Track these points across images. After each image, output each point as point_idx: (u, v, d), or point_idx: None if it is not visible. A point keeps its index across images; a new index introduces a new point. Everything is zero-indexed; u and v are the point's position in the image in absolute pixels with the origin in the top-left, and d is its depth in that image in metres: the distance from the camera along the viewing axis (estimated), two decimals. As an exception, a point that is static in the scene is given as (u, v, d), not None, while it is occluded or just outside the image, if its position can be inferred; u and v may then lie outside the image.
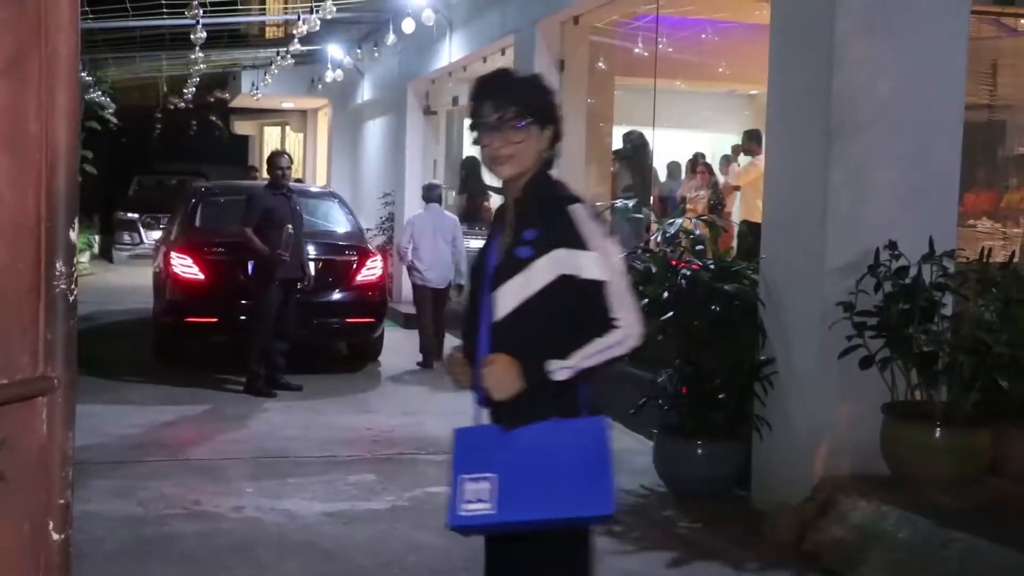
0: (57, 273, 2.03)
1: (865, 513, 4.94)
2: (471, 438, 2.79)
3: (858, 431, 5.38)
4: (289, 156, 9.33)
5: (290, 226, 8.69)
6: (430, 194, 10.45)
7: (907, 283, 5.19)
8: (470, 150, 14.83)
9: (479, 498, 2.69)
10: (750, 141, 10.87)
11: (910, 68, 5.52)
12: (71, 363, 2.06)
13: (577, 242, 2.72)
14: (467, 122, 3.03)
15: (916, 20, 5.51)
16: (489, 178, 2.94)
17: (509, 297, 2.75)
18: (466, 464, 2.75)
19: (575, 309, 2.72)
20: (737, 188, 11.09)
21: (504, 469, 2.69)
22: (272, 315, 8.68)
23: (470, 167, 13.77)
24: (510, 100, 2.79)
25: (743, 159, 11.28)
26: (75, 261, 2.08)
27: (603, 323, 2.70)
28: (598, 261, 2.71)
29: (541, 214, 2.79)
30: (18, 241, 1.98)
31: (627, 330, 2.74)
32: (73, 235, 2.06)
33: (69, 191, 2.05)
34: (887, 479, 5.22)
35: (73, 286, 2.06)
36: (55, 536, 2.04)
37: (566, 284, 2.71)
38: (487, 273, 2.82)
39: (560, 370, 2.67)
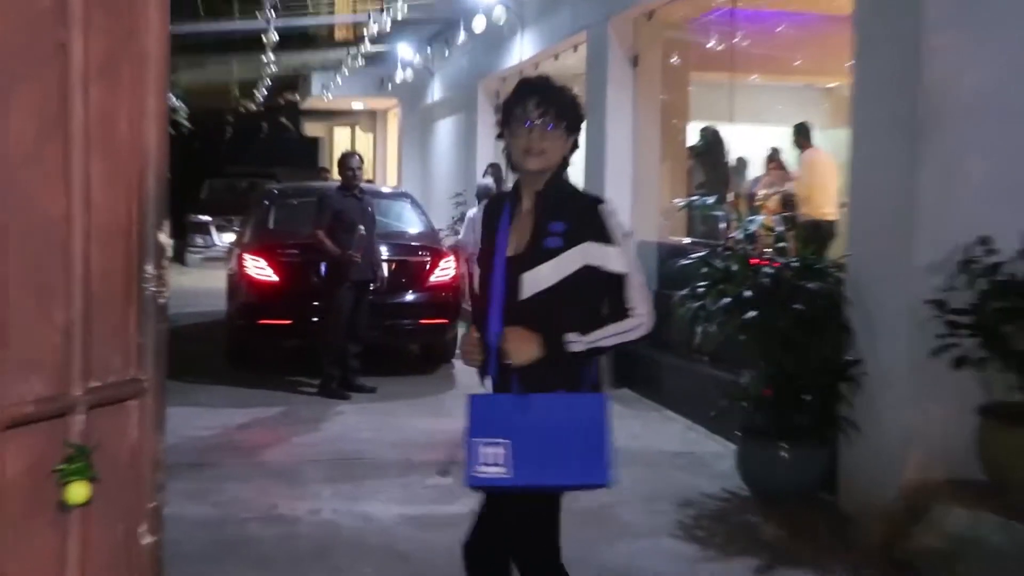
0: (147, 276, 2.06)
1: (961, 520, 4.84)
2: (485, 405, 3.09)
3: (951, 434, 5.27)
4: (360, 156, 9.38)
5: (362, 227, 8.75)
6: (481, 192, 10.82)
7: (1003, 280, 5.07)
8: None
9: (495, 461, 3.04)
10: (798, 135, 10.71)
11: (1002, 57, 5.40)
12: (161, 366, 2.10)
13: (605, 237, 3.09)
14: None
15: (1008, 6, 5.39)
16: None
17: (538, 281, 3.06)
18: (481, 429, 3.06)
19: (595, 295, 3.11)
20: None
21: (516, 436, 3.03)
22: (345, 317, 8.75)
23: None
24: (552, 103, 3.16)
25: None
26: (165, 264, 2.12)
27: (620, 310, 3.10)
28: (622, 256, 3.11)
29: (571, 209, 3.14)
30: (111, 245, 2.02)
31: (641, 319, 3.14)
32: (163, 237, 2.10)
33: (159, 194, 2.09)
34: (983, 484, 5.10)
35: (163, 289, 2.10)
36: (147, 539, 2.08)
37: (590, 273, 3.07)
38: (499, 257, 3.12)
39: (577, 343, 3.01)
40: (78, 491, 1.96)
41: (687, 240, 9.82)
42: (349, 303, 8.76)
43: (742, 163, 12.45)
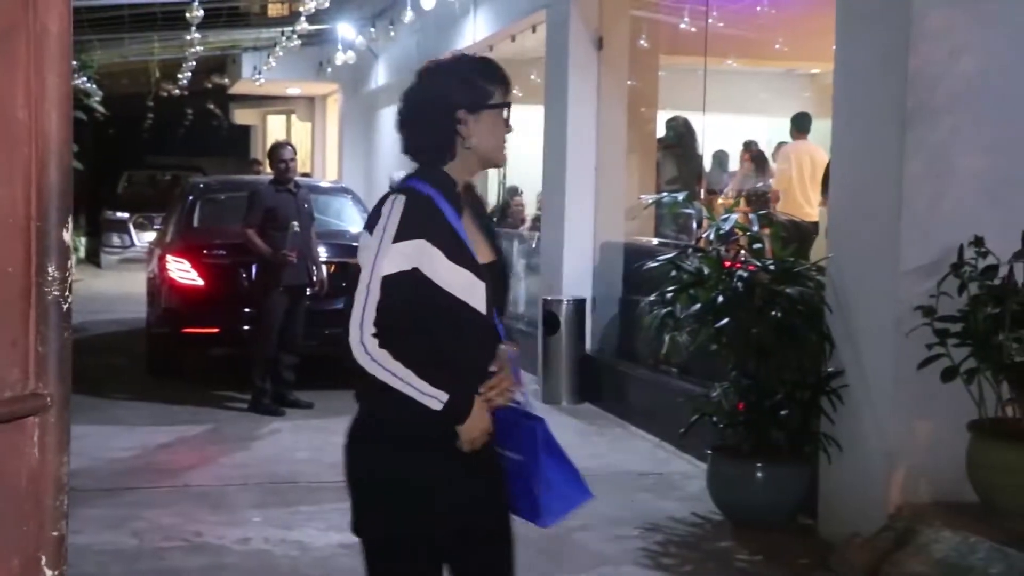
0: (50, 278, 2.02)
1: (950, 545, 4.88)
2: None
3: (940, 452, 5.32)
4: (293, 147, 9.33)
5: (296, 224, 8.70)
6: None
7: (996, 284, 5.13)
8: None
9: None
10: (793, 126, 10.75)
11: (998, 41, 5.46)
12: (65, 379, 2.06)
13: None
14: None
15: (1002, -12, 5.46)
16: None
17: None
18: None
19: None
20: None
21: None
22: (277, 325, 8.69)
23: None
24: None
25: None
26: (69, 265, 2.08)
27: None
28: None
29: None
30: (6, 242, 1.97)
31: None
32: (67, 235, 2.06)
33: (62, 186, 2.04)
34: (975, 507, 5.16)
35: (67, 293, 2.05)
36: (48, 572, 2.03)
37: None
38: (475, 264, 2.92)
39: None
40: (-31, 519, 1.92)
41: (655, 240, 9.87)
42: (282, 309, 8.71)
43: (721, 157, 12.51)
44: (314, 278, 8.97)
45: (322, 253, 9.29)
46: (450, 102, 3.03)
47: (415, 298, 2.89)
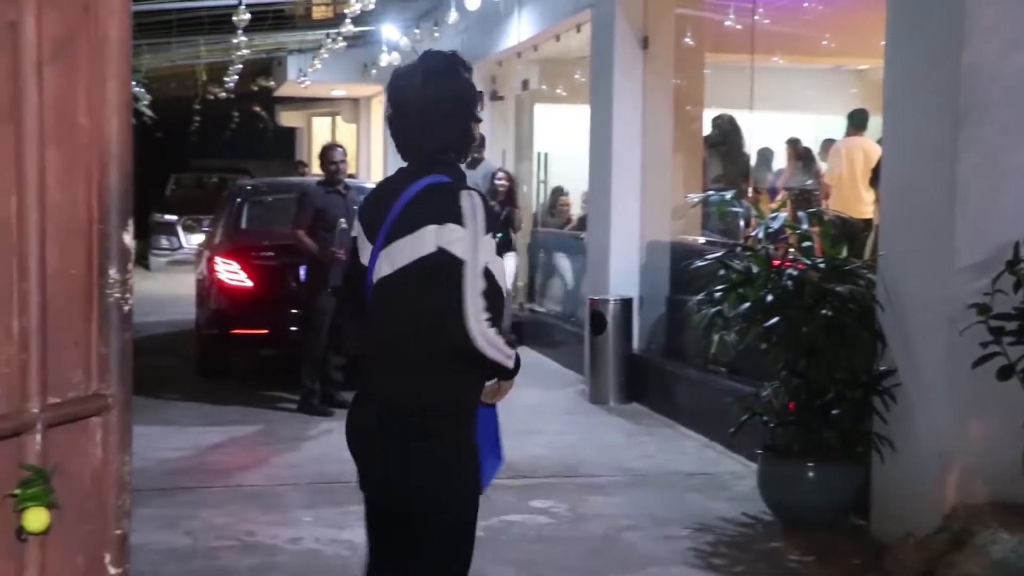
0: (111, 280, 2.06)
1: (1008, 547, 4.83)
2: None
3: (996, 452, 5.27)
4: (343, 149, 9.38)
5: (343, 221, 8.74)
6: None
7: (1052, 281, 5.07)
8: (543, 140, 14.86)
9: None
10: (849, 123, 10.62)
11: (1050, 37, 5.39)
12: (127, 380, 2.09)
13: None
14: (538, 108, 3.28)
15: (1056, -19, 5.39)
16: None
17: None
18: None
19: None
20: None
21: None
22: (326, 325, 8.73)
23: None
24: None
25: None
26: (130, 267, 2.11)
27: None
28: None
29: None
30: (68, 245, 2.01)
31: None
32: (127, 238, 2.09)
33: (123, 190, 2.08)
34: (1030, 506, 5.11)
35: (128, 295, 2.09)
36: (112, 570, 2.07)
37: None
38: None
39: None
40: (36, 518, 1.95)
41: (702, 239, 9.83)
42: (331, 309, 8.75)
43: (767, 154, 12.44)
44: None
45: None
46: (472, 100, 3.14)
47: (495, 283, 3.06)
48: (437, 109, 3.09)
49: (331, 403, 8.83)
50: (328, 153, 9.14)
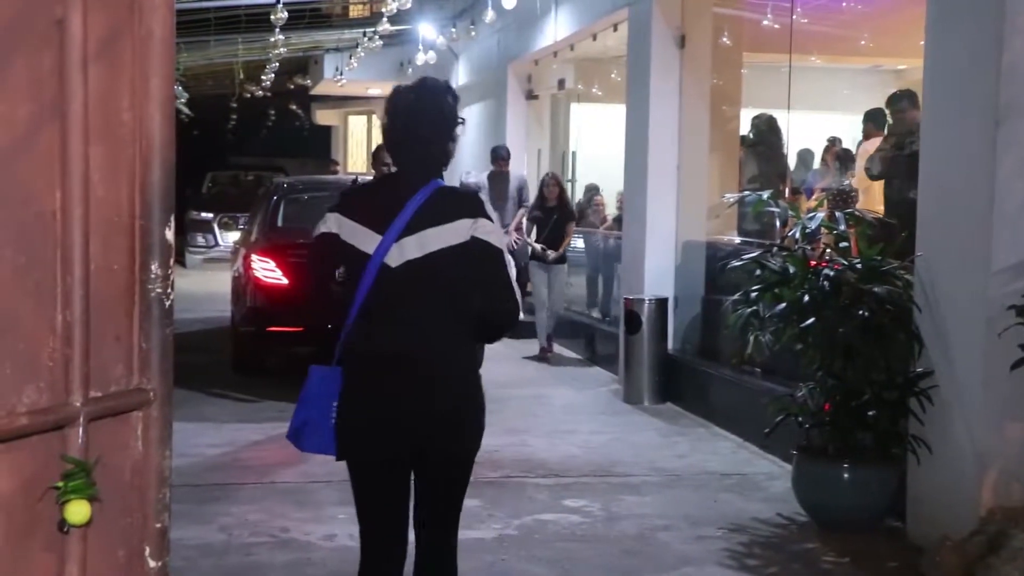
0: (153, 276, 2.08)
1: (1044, 549, 4.79)
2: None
3: (1034, 454, 5.24)
4: None
5: None
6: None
7: (1092, 283, 5.03)
8: (578, 139, 14.85)
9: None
10: (868, 123, 10.40)
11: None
12: (167, 374, 2.12)
13: None
14: (574, 107, 3.40)
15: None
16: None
17: None
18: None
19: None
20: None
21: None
22: None
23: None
24: None
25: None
26: (171, 263, 2.13)
27: None
28: None
29: None
30: (111, 240, 2.03)
31: None
32: (170, 234, 2.11)
33: (165, 186, 2.10)
34: (1069, 510, 5.07)
35: (170, 290, 2.11)
36: (152, 563, 2.09)
37: None
38: None
39: None
40: (77, 510, 1.97)
41: (738, 239, 9.79)
42: None
43: (805, 156, 12.37)
44: None
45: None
46: (453, 123, 3.70)
47: None
48: (442, 126, 3.67)
49: None
50: (381, 154, 9.14)
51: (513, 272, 3.89)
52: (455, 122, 3.67)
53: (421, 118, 3.63)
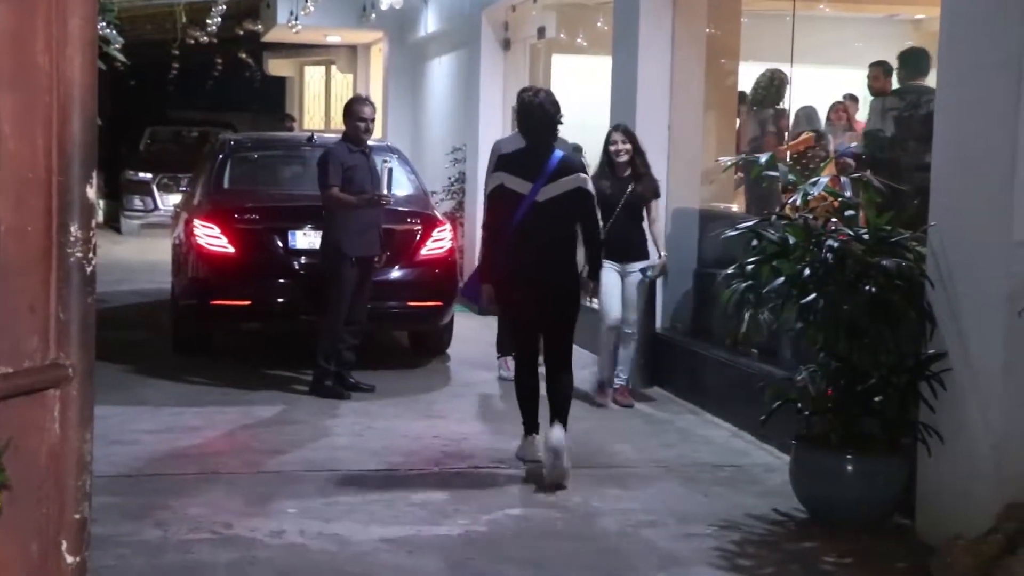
0: (72, 238, 2.07)
1: (1064, 549, 4.84)
2: None
3: (1055, 445, 5.28)
4: (373, 105, 9.30)
5: (388, 163, 8.96)
6: None
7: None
8: (560, 95, 14.80)
9: None
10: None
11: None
12: (88, 348, 2.11)
13: None
14: (556, 59, 3.48)
15: None
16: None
17: None
18: None
19: None
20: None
21: None
22: (348, 299, 8.72)
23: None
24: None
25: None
26: (93, 224, 2.12)
27: None
28: None
29: None
30: (24, 198, 2.02)
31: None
32: (91, 192, 2.10)
33: (86, 138, 2.09)
34: (1092, 506, 5.12)
35: (91, 254, 2.10)
36: (69, 559, 2.08)
37: None
38: None
39: None
40: (-15, 499, 1.97)
41: (734, 207, 9.81)
42: (354, 282, 8.73)
43: (810, 113, 12.35)
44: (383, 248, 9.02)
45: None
46: (557, 116, 7.17)
47: None
48: (548, 118, 6.98)
49: (343, 385, 8.83)
50: (358, 108, 9.00)
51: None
52: (559, 119, 7.01)
53: (544, 115, 6.93)
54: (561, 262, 6.86)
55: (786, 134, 10.93)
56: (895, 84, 9.35)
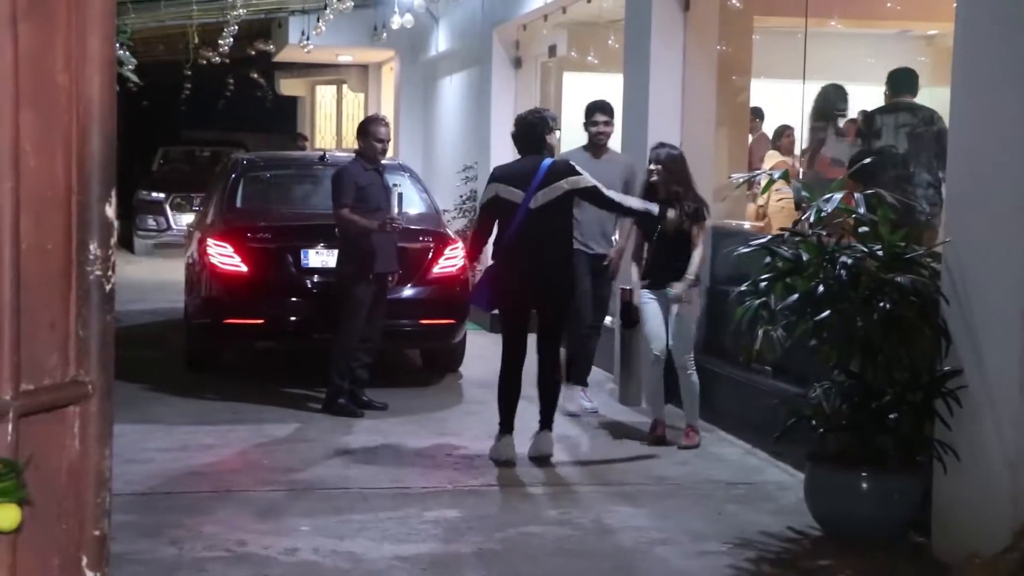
0: (91, 256, 2.08)
1: (1082, 566, 4.82)
2: None
3: (1072, 462, 5.26)
4: (388, 125, 9.33)
5: (399, 187, 9.01)
6: None
7: None
8: (571, 112, 14.84)
9: None
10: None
11: None
12: (108, 366, 2.12)
13: None
14: (567, 76, 3.48)
15: None
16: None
17: None
18: None
19: None
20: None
21: None
22: (362, 317, 8.74)
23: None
24: None
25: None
26: (112, 243, 2.14)
27: None
28: None
29: None
30: (45, 216, 2.04)
31: None
32: (110, 211, 2.12)
33: (105, 157, 2.10)
34: (1109, 523, 5.10)
35: (110, 272, 2.11)
36: (89, 574, 2.09)
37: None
38: None
39: None
40: (6, 516, 1.98)
41: (746, 224, 9.80)
42: (369, 299, 8.75)
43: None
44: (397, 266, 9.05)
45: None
46: (546, 129, 7.84)
47: None
48: (533, 131, 7.62)
49: (357, 403, 8.84)
50: (374, 127, 9.04)
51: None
52: (548, 132, 7.67)
53: (530, 128, 7.60)
54: (558, 262, 7.44)
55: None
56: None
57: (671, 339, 8.09)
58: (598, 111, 9.26)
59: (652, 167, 8.04)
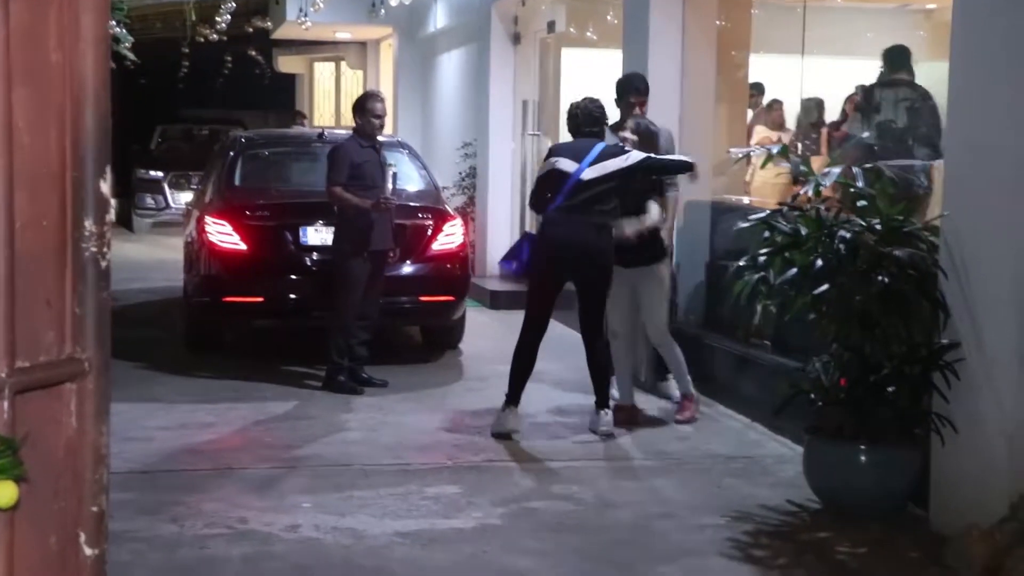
0: (87, 233, 2.08)
1: (1079, 537, 4.84)
2: None
3: (1069, 434, 5.27)
4: (384, 101, 9.30)
5: (393, 167, 8.91)
6: None
7: None
8: (570, 88, 14.82)
9: None
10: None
11: None
12: (104, 342, 2.12)
13: None
14: (565, 52, 3.42)
15: None
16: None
17: None
18: None
19: None
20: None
21: None
22: (360, 294, 8.74)
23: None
24: None
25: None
26: (108, 219, 2.14)
27: None
28: None
29: None
30: (39, 193, 2.04)
31: None
32: (105, 187, 2.12)
33: (99, 133, 2.10)
34: (1107, 495, 5.11)
35: (106, 249, 2.11)
36: (88, 551, 2.10)
37: None
38: None
39: None
40: (3, 492, 1.98)
41: (745, 199, 9.79)
42: (366, 277, 8.75)
43: (818, 104, 12.33)
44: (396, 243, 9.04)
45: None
46: (603, 116, 8.04)
47: None
48: (590, 116, 7.75)
49: (356, 380, 8.84)
50: (370, 103, 9.01)
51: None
52: (605, 118, 7.90)
53: (587, 114, 7.72)
54: (597, 231, 7.54)
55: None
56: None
57: (643, 318, 8.10)
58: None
59: (628, 135, 7.98)
